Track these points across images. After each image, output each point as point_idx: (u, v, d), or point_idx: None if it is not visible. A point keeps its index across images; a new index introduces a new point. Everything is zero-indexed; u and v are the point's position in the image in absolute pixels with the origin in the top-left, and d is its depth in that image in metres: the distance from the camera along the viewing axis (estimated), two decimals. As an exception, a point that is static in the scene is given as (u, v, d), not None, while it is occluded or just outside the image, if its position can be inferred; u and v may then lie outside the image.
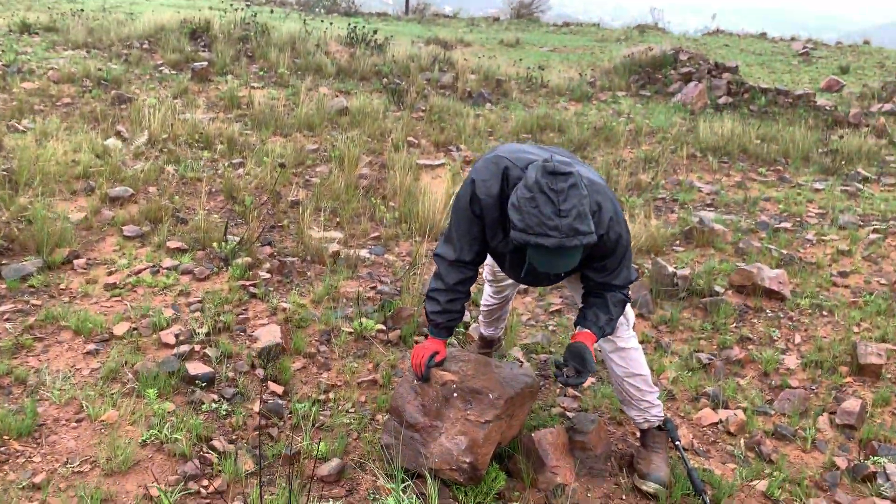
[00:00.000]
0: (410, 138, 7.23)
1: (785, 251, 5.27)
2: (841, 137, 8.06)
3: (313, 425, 2.95)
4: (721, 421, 3.24)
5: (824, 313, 4.38)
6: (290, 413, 3.01)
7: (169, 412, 2.88)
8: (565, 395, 3.37)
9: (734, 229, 5.67)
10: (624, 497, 2.69)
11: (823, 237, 5.60)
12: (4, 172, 5.17)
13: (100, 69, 8.37)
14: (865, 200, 6.59)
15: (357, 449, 2.85)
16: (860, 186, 6.92)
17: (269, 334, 3.50)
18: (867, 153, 7.89)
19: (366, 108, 7.82)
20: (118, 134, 6.48)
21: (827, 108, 9.22)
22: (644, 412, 2.74)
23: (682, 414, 3.32)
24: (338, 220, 5.31)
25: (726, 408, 3.36)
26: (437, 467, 2.49)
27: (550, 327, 4.14)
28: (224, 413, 2.91)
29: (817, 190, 6.82)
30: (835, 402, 3.42)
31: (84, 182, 5.29)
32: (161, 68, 8.94)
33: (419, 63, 10.27)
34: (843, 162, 7.57)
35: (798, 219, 6.05)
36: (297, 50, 10.07)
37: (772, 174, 7.30)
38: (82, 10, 11.41)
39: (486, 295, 3.28)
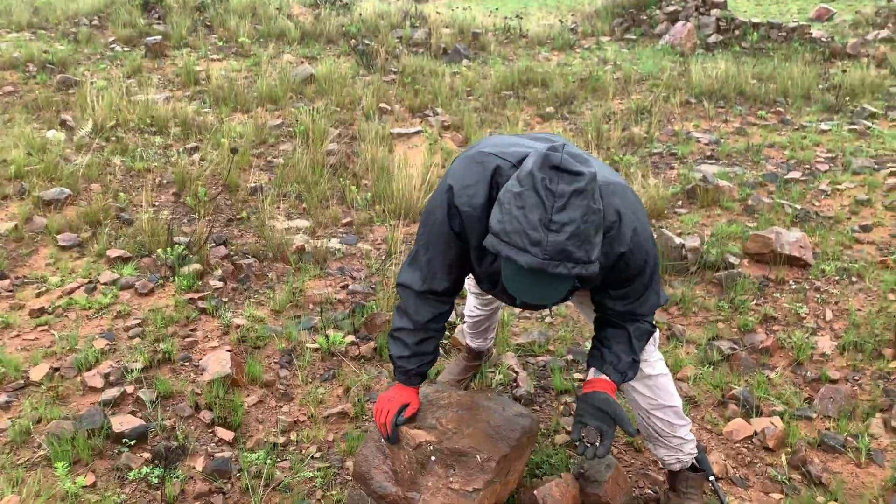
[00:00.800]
0: (382, 104, 6.50)
1: (799, 206, 4.64)
2: (844, 71, 7.34)
3: (267, 486, 2.35)
4: (756, 433, 2.65)
5: (853, 279, 3.77)
6: (241, 470, 2.41)
7: (86, 488, 2.27)
8: (571, 415, 2.77)
9: (740, 183, 5.03)
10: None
11: (838, 186, 4.97)
12: (-74, 180, 4.48)
13: (45, 51, 7.54)
14: (876, 139, 5.93)
15: (321, 515, 2.26)
16: (869, 124, 6.25)
17: (217, 364, 2.87)
18: (871, 86, 7.19)
19: (333, 74, 7.05)
20: (63, 124, 5.74)
21: (823, 39, 8.47)
22: (675, 451, 2.14)
23: (709, 426, 2.73)
24: (304, 206, 4.64)
25: (759, 413, 2.77)
26: (417, 548, 1.90)
27: (547, 319, 3.53)
28: (155, 481, 2.30)
29: (823, 131, 6.15)
30: (885, 396, 2.84)
31: (18, 184, 4.59)
32: (112, 46, 8.11)
33: (389, 20, 9.42)
34: (846, 98, 6.88)
35: (807, 166, 5.40)
36: (259, 15, 9.20)
37: (772, 116, 6.61)
38: (29, -12, 10.43)
39: (471, 306, 2.65)
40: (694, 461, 2.19)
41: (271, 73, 7.14)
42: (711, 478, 2.22)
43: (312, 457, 2.53)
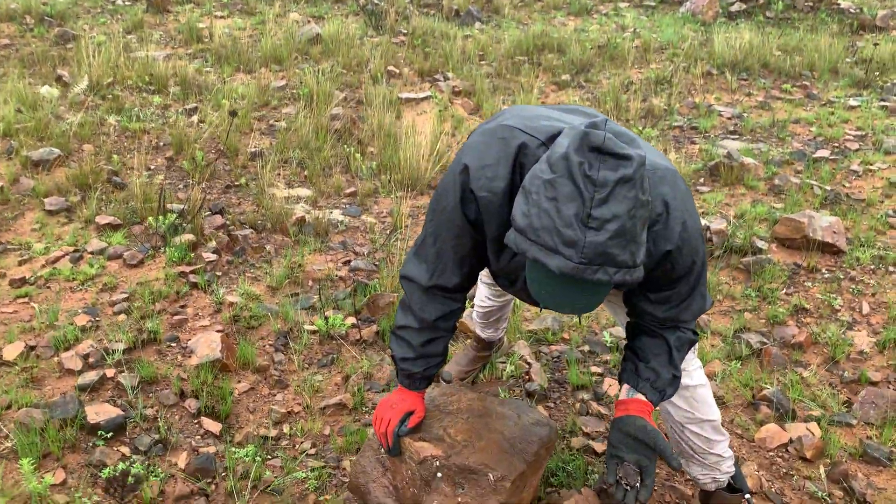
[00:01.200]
0: (391, 67, 6.14)
1: (829, 187, 4.32)
2: (876, 45, 6.92)
3: (255, 488, 2.11)
4: (792, 441, 2.39)
5: (890, 268, 3.48)
6: (227, 469, 2.16)
7: (54, 486, 2.02)
8: (589, 414, 2.52)
9: (765, 161, 4.70)
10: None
11: (870, 166, 4.63)
12: None
13: (44, 3, 7.18)
14: (908, 117, 5.56)
15: (313, 524, 2.02)
16: (900, 101, 5.87)
17: (206, 346, 2.62)
18: (901, 61, 6.78)
19: (340, 34, 6.67)
20: (59, 80, 5.41)
21: (851, 10, 8.01)
22: (711, 469, 1.88)
23: (740, 430, 2.47)
24: (306, 173, 4.34)
25: (794, 418, 2.51)
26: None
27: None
28: (132, 480, 2.06)
29: (852, 107, 5.78)
30: (932, 402, 2.57)
31: (7, 143, 4.29)
32: (114, -1, 7.72)
33: (401, -20, 8.95)
34: (876, 73, 6.48)
35: (836, 144, 5.05)
36: (266, -29, 8.75)
37: (798, 91, 6.23)
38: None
39: (482, 297, 2.38)
40: (730, 479, 1.93)
41: (276, 32, 6.76)
42: (748, 496, 1.97)
43: (307, 453, 2.28)
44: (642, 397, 1.57)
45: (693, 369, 1.77)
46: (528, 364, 2.74)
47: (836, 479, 2.24)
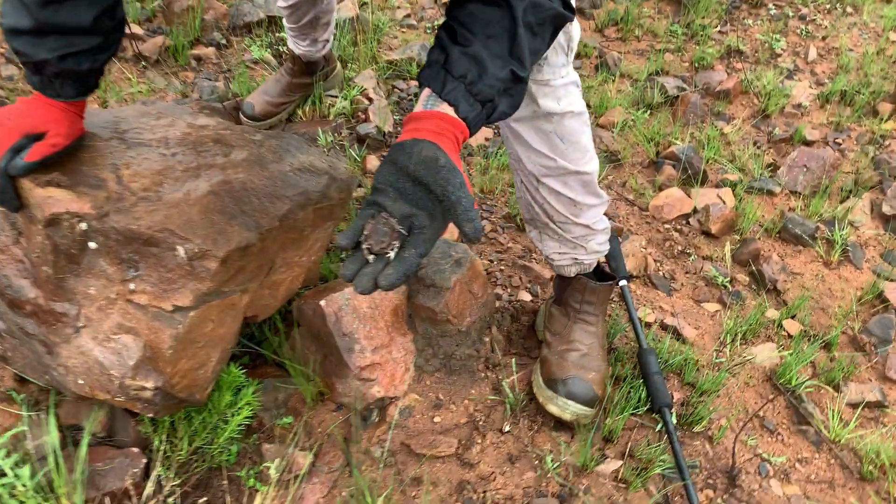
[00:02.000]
0: None
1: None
2: None
3: None
4: (696, 211, 1.75)
5: (848, 9, 2.69)
6: None
7: None
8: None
9: None
10: (510, 426, 1.24)
11: None
12: None
13: None
14: None
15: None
16: None
17: None
18: None
19: None
20: None
21: None
22: (574, 247, 1.18)
23: (633, 196, 1.80)
24: None
25: (704, 183, 1.84)
26: (87, 395, 0.97)
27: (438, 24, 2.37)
28: None
29: None
30: (875, 169, 1.94)
31: None
32: None
33: None
34: None
35: None
36: None
37: None
38: None
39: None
40: (601, 261, 1.26)
41: None
42: (623, 282, 1.33)
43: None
44: (449, 111, 0.77)
45: (562, 84, 0.99)
46: (370, 101, 1.92)
47: (743, 261, 1.64)
